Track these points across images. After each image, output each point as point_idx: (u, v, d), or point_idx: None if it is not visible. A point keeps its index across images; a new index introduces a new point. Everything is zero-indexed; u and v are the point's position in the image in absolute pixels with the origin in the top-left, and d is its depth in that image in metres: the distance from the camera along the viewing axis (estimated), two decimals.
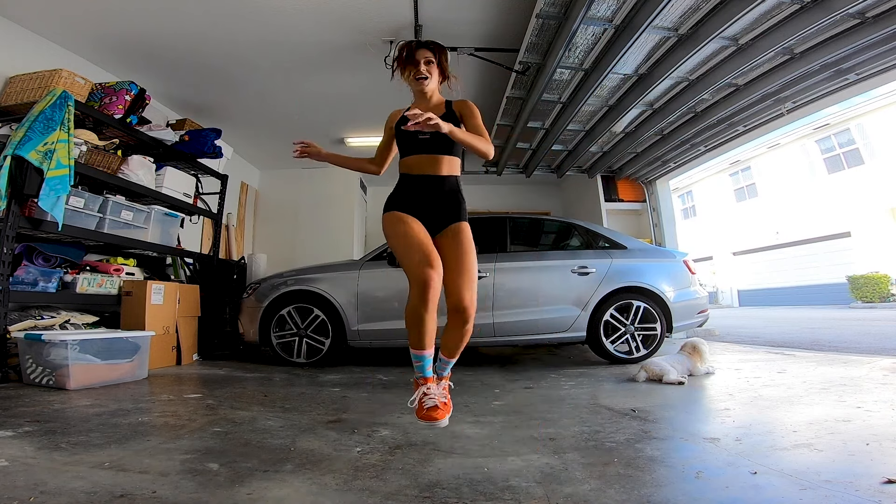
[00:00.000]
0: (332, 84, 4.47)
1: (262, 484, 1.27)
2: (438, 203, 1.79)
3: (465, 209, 1.84)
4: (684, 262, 3.97)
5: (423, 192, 1.80)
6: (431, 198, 1.80)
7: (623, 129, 5.24)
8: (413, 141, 1.80)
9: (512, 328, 3.66)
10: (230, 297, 4.69)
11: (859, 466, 1.35)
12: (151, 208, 3.78)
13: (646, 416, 2.02)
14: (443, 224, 1.78)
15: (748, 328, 7.59)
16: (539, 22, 3.27)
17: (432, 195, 1.80)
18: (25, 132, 2.67)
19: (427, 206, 1.79)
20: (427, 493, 1.22)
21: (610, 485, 1.25)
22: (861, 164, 14.98)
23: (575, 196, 7.60)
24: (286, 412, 2.14)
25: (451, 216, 1.79)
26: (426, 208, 1.79)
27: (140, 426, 1.83)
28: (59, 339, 2.53)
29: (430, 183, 1.81)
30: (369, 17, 3.42)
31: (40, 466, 1.35)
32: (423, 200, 1.80)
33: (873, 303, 13.17)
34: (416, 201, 1.80)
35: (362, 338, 3.69)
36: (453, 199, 1.82)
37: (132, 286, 3.42)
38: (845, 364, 3.24)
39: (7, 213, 2.65)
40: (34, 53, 3.43)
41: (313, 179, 7.11)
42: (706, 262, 20.58)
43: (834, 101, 4.36)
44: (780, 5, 3.02)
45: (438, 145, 1.79)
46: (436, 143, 1.78)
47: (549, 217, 5.08)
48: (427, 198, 1.80)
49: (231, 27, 3.55)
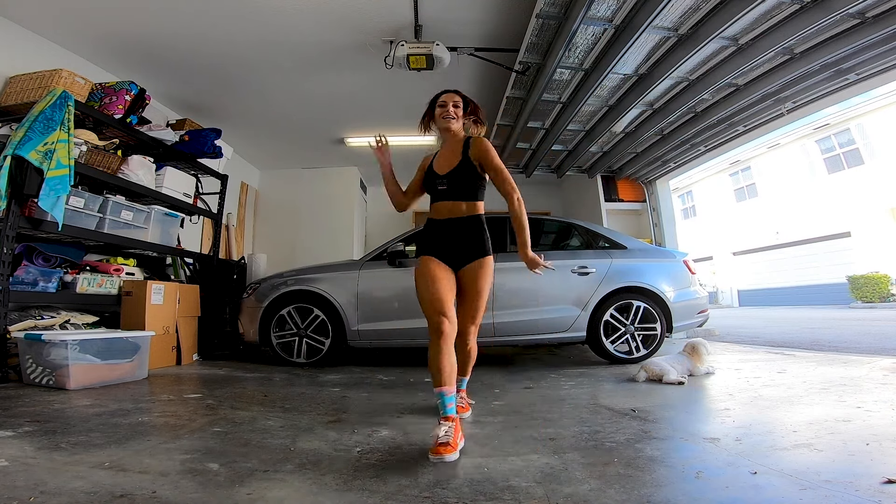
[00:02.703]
0: (332, 84, 4.47)
1: (262, 484, 1.27)
2: (460, 242, 1.93)
3: (486, 245, 1.95)
4: (684, 262, 3.96)
5: (445, 234, 1.94)
6: (453, 238, 1.93)
7: (623, 129, 5.24)
8: (434, 190, 1.99)
9: (512, 328, 3.66)
10: (230, 297, 4.68)
11: (859, 466, 1.35)
12: (151, 208, 3.78)
13: (646, 416, 2.02)
14: (466, 260, 1.92)
15: (748, 328, 7.59)
16: (539, 22, 3.27)
17: (454, 236, 1.93)
18: (25, 132, 2.67)
19: (450, 246, 1.93)
20: (427, 493, 1.22)
21: (610, 485, 1.25)
22: (861, 164, 14.98)
23: (575, 196, 7.60)
24: (286, 412, 2.14)
25: (473, 253, 1.92)
26: (449, 248, 1.93)
27: (140, 426, 1.83)
28: (59, 339, 2.53)
29: (451, 226, 1.95)
30: (369, 17, 3.42)
31: (40, 466, 1.35)
32: (446, 241, 1.94)
33: (873, 303, 13.17)
34: (440, 243, 1.94)
35: (362, 338, 3.69)
36: (474, 237, 1.94)
37: (132, 286, 3.42)
38: (845, 364, 3.24)
39: (7, 213, 2.65)
40: (34, 53, 3.43)
41: (313, 179, 7.11)
42: (706, 262, 20.58)
43: (834, 101, 4.36)
44: (780, 5, 3.02)
45: (457, 193, 1.94)
46: (453, 191, 1.94)
47: (549, 217, 5.08)
48: (449, 239, 1.94)
49: (231, 27, 3.55)
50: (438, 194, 1.98)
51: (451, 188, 1.95)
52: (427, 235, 2.01)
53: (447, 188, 1.95)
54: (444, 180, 1.95)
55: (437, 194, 1.99)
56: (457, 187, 1.94)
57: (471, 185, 1.95)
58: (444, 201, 1.96)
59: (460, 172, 1.94)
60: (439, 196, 1.98)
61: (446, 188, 1.95)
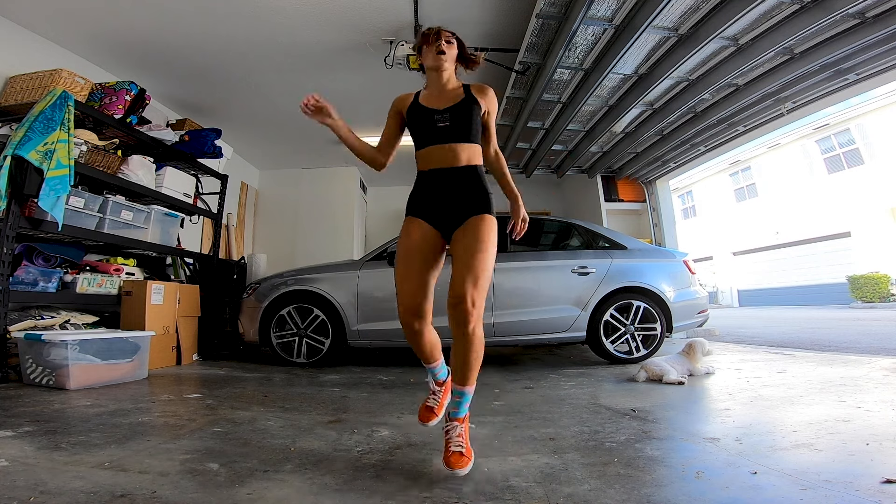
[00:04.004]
0: (332, 84, 4.47)
1: (262, 484, 1.27)
2: (458, 198, 1.59)
3: (489, 200, 1.61)
4: (684, 262, 3.96)
5: (441, 188, 1.61)
6: (450, 194, 1.60)
7: (623, 129, 5.24)
8: (428, 128, 1.63)
9: (512, 328, 3.66)
10: (230, 297, 4.68)
11: (859, 466, 1.35)
12: (151, 208, 3.78)
13: (646, 416, 2.02)
14: (462, 218, 1.57)
15: (748, 328, 7.59)
16: (539, 22, 3.27)
17: (451, 190, 1.60)
18: (25, 132, 2.67)
19: (445, 204, 1.60)
20: (427, 493, 1.22)
21: (610, 485, 1.25)
22: (861, 164, 14.98)
23: (575, 196, 7.60)
24: (286, 412, 2.14)
25: (472, 208, 1.58)
26: (444, 206, 1.60)
27: (140, 426, 1.83)
28: (59, 339, 2.52)
29: (448, 177, 1.60)
30: (369, 17, 3.42)
31: (40, 466, 1.35)
32: (441, 198, 1.60)
33: (873, 303, 13.16)
34: (434, 200, 1.61)
35: (362, 338, 3.69)
36: (474, 191, 1.60)
37: (132, 286, 3.42)
38: (845, 364, 3.24)
39: (7, 213, 2.65)
40: (34, 53, 3.43)
41: (313, 179, 7.11)
42: (706, 262, 20.57)
43: (834, 101, 4.36)
44: (780, 5, 3.02)
45: (458, 132, 1.61)
46: (454, 129, 1.60)
47: (549, 217, 5.08)
48: (445, 194, 1.60)
49: (231, 27, 3.55)
50: (435, 134, 1.62)
51: (455, 124, 1.60)
52: (418, 192, 1.66)
53: (449, 124, 1.60)
54: (446, 115, 1.61)
55: (433, 134, 1.62)
56: (460, 123, 1.60)
57: (474, 123, 1.63)
58: (441, 144, 1.61)
59: (465, 107, 1.62)
60: (435, 136, 1.62)
61: (448, 124, 1.60)
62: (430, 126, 1.62)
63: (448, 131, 1.61)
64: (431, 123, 1.62)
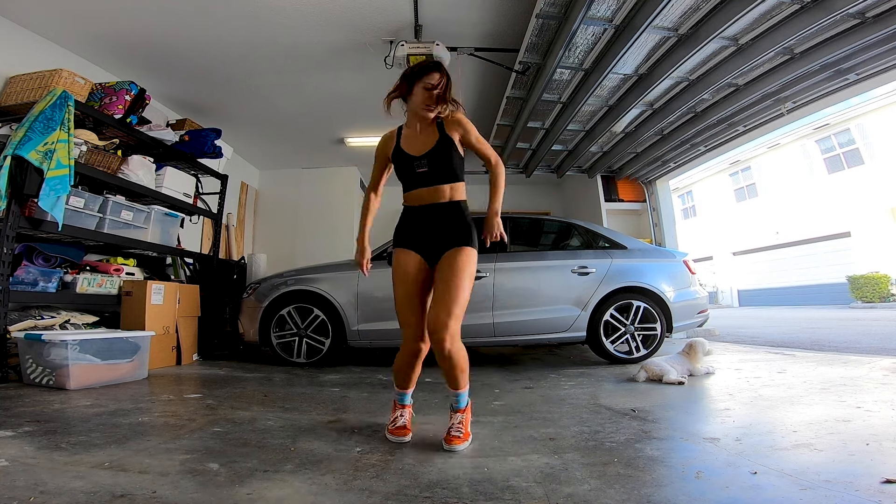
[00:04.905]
0: (332, 84, 4.47)
1: (262, 484, 1.27)
2: (440, 231, 1.72)
3: (469, 234, 1.72)
4: (684, 262, 3.96)
5: (425, 222, 1.74)
6: (434, 227, 1.72)
7: (623, 129, 5.24)
8: (410, 174, 1.74)
9: (512, 328, 3.66)
10: (230, 297, 4.68)
11: (859, 466, 1.35)
12: (151, 208, 3.78)
13: (646, 416, 2.02)
14: (444, 249, 1.70)
15: (748, 328, 7.59)
16: (539, 22, 3.27)
17: (434, 224, 1.72)
18: (25, 132, 2.66)
19: (429, 236, 1.73)
20: (427, 493, 1.22)
21: (610, 485, 1.25)
22: (861, 164, 14.98)
23: (575, 196, 7.60)
24: (286, 412, 2.14)
25: (453, 241, 1.70)
26: (428, 238, 1.73)
27: (140, 426, 1.83)
28: (59, 339, 2.52)
29: (432, 212, 1.73)
30: (369, 17, 3.42)
31: (40, 466, 1.35)
32: (425, 230, 1.73)
33: (873, 303, 13.17)
34: (419, 232, 1.74)
35: (362, 338, 3.69)
36: (456, 225, 1.72)
37: (132, 286, 3.42)
38: (845, 364, 3.24)
39: (7, 213, 2.65)
40: (34, 53, 3.43)
41: (313, 179, 7.12)
42: (706, 262, 20.57)
43: (834, 101, 4.36)
44: (780, 5, 3.02)
45: (438, 176, 1.71)
46: (434, 173, 1.71)
47: (549, 217, 5.08)
48: (429, 227, 1.73)
49: (231, 27, 3.55)
50: (417, 179, 1.73)
51: (434, 169, 1.70)
52: (404, 225, 1.79)
53: (428, 170, 1.70)
54: (424, 161, 1.70)
55: (415, 179, 1.73)
56: (439, 167, 1.70)
57: (453, 163, 1.71)
58: (424, 187, 1.72)
59: (441, 150, 1.70)
60: (418, 181, 1.73)
61: (427, 170, 1.70)
62: (412, 172, 1.74)
63: (428, 176, 1.72)
64: (412, 170, 1.74)
